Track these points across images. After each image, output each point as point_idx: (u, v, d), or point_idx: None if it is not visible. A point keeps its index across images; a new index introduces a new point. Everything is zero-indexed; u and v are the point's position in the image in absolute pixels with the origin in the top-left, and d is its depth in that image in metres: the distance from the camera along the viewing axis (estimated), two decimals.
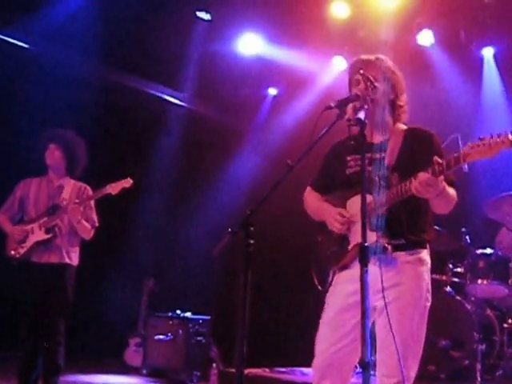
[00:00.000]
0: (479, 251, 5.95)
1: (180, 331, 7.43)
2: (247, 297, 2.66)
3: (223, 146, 8.77)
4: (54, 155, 5.43)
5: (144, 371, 7.55)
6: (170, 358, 7.43)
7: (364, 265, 2.46)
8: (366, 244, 2.50)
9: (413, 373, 2.89)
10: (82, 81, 7.44)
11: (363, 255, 2.47)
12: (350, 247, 3.11)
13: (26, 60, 7.17)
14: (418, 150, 3.10)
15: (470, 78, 7.33)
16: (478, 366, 5.26)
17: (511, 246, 6.04)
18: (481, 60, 7.42)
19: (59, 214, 5.27)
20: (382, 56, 3.27)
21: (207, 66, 7.88)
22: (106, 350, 7.91)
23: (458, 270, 5.99)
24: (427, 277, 3.07)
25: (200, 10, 7.48)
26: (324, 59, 7.84)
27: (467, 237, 6.01)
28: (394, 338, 2.73)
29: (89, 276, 6.24)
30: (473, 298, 5.80)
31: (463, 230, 6.02)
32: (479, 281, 5.78)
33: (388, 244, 2.98)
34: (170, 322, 7.56)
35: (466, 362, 5.31)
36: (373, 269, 2.52)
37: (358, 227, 2.96)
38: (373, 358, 2.99)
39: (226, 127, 8.96)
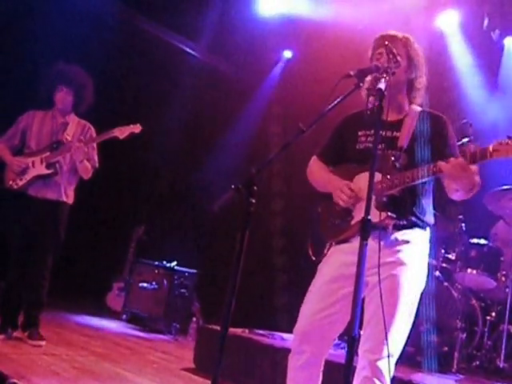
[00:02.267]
0: (473, 240, 5.93)
1: (165, 281, 7.46)
2: (241, 256, 2.63)
3: (232, 102, 8.67)
4: (63, 97, 5.37)
5: (124, 316, 7.60)
6: (151, 307, 7.47)
7: (364, 238, 2.43)
8: (369, 217, 2.46)
9: (397, 351, 2.89)
10: (96, 17, 7.32)
11: (365, 229, 2.44)
12: (352, 222, 3.08)
13: None
14: (431, 134, 3.07)
15: (488, 65, 7.25)
16: (456, 355, 5.28)
17: (506, 239, 6.04)
18: (501, 49, 7.30)
19: (62, 150, 5.23)
20: (409, 36, 3.22)
21: (226, 20, 7.75)
22: (89, 290, 7.95)
23: (450, 256, 5.97)
24: (424, 259, 3.07)
25: None
26: (344, 31, 7.70)
27: (463, 224, 5.99)
28: (384, 315, 2.70)
29: (82, 215, 6.20)
30: (460, 286, 5.79)
31: (460, 216, 5.99)
32: (469, 270, 5.76)
33: (390, 223, 2.96)
34: (156, 271, 7.59)
35: (445, 348, 5.32)
36: (371, 244, 2.49)
37: (363, 204, 2.94)
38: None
39: (237, 83, 8.85)
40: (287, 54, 8.78)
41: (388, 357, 2.77)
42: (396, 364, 2.91)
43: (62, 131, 5.39)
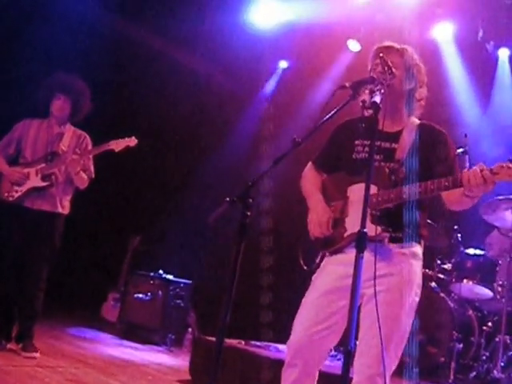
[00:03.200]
0: (469, 251, 5.94)
1: (160, 292, 7.42)
2: (237, 268, 2.63)
3: (228, 113, 8.68)
4: (61, 106, 5.36)
5: (119, 327, 7.55)
6: (146, 318, 7.43)
7: (360, 250, 2.41)
8: (365, 230, 2.45)
9: (393, 365, 2.87)
10: (91, 26, 7.32)
11: (360, 241, 2.42)
12: (345, 234, 3.05)
13: (39, 3, 7.03)
14: (430, 149, 3.05)
15: (482, 76, 7.28)
16: (453, 365, 5.28)
17: (501, 249, 6.04)
18: (495, 60, 7.33)
19: (57, 162, 5.22)
20: (408, 47, 3.21)
21: (223, 32, 7.76)
22: (84, 301, 7.91)
23: (446, 266, 5.98)
24: (419, 272, 3.06)
25: None
26: (339, 39, 7.74)
27: (459, 235, 6.00)
28: (380, 328, 2.69)
29: (77, 226, 6.19)
30: (456, 297, 5.80)
31: (455, 227, 6.00)
32: (465, 280, 5.78)
33: (385, 236, 2.94)
34: (151, 282, 7.56)
35: (442, 359, 5.32)
36: (366, 256, 2.48)
37: (356, 215, 2.93)
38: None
39: (232, 93, 8.86)
40: (283, 64, 8.78)
41: (384, 371, 2.75)
42: (392, 375, 2.90)
43: (57, 142, 5.37)
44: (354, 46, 7.81)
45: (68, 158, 5.16)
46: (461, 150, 4.48)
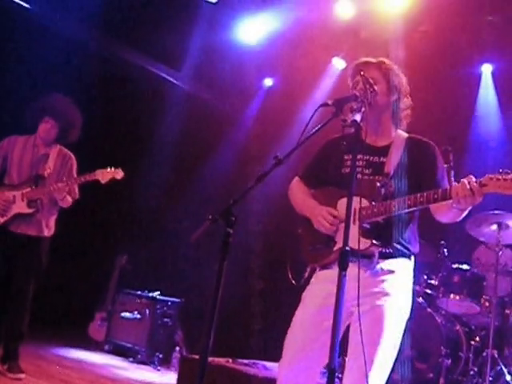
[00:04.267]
0: (455, 266, 5.94)
1: (147, 311, 7.38)
2: (220, 286, 2.61)
3: (215, 131, 8.69)
4: (48, 130, 5.33)
5: (106, 347, 7.49)
6: (133, 337, 7.38)
7: (343, 269, 2.41)
8: (347, 248, 2.44)
9: (382, 382, 2.86)
10: (80, 48, 7.33)
11: (343, 260, 2.42)
12: (335, 248, 3.04)
13: (26, 20, 7.03)
14: (419, 162, 3.07)
15: (466, 91, 7.34)
16: (442, 381, 5.26)
17: (488, 263, 6.05)
18: (479, 76, 7.39)
19: (43, 187, 5.19)
20: (385, 59, 3.22)
21: (208, 49, 7.79)
22: (71, 321, 7.85)
23: (432, 281, 5.96)
24: (409, 289, 3.05)
25: None
26: (323, 58, 7.79)
27: (445, 249, 6.00)
28: (364, 348, 2.67)
29: (63, 245, 6.14)
30: (443, 312, 5.79)
31: (442, 242, 6.01)
32: (452, 295, 5.77)
33: (375, 250, 2.94)
34: (138, 301, 7.51)
35: (430, 375, 5.30)
36: (354, 272, 2.48)
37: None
38: (340, 359, 2.98)
39: (220, 111, 8.88)
40: (268, 81, 8.81)
41: None
42: None
43: (42, 163, 5.33)
44: (338, 63, 7.87)
45: (52, 185, 5.12)
46: (445, 165, 4.52)
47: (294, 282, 3.23)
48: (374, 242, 2.93)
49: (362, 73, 3.01)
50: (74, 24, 7.25)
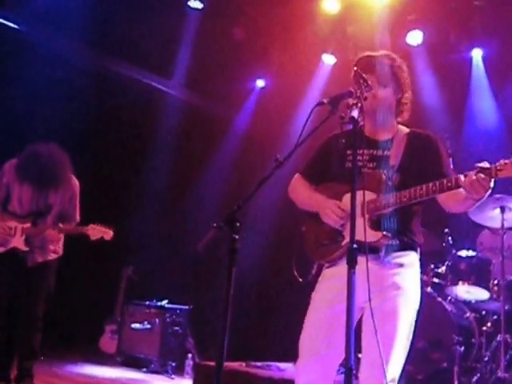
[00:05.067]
0: (461, 253, 5.95)
1: (157, 320, 7.37)
2: (230, 291, 2.61)
3: (211, 136, 8.68)
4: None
5: (118, 359, 7.49)
6: (145, 347, 7.37)
7: (352, 266, 2.41)
8: (355, 246, 2.45)
9: (396, 376, 2.86)
10: (70, 64, 7.33)
11: (351, 257, 2.42)
12: (343, 243, 3.03)
13: (16, 41, 7.03)
14: (423, 154, 3.07)
15: (459, 78, 7.34)
16: (456, 369, 5.26)
17: (492, 247, 6.07)
18: (470, 61, 7.40)
19: (42, 225, 5.16)
20: (388, 53, 3.21)
21: (197, 55, 7.79)
22: (81, 336, 7.84)
23: (439, 270, 5.97)
24: (417, 280, 3.05)
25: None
26: (313, 55, 7.80)
27: (450, 238, 6.01)
28: (379, 342, 2.68)
29: (69, 261, 6.13)
30: (453, 300, 5.79)
31: (446, 230, 6.01)
32: (460, 283, 5.78)
33: (383, 244, 2.94)
34: (147, 311, 7.51)
35: (444, 364, 5.29)
36: (363, 267, 2.48)
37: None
38: (359, 355, 2.98)
39: (214, 117, 8.88)
40: (260, 83, 8.80)
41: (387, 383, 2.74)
42: None
43: (44, 197, 5.28)
44: (328, 59, 7.88)
45: (47, 232, 5.12)
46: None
47: (300, 279, 3.21)
48: (385, 233, 2.92)
49: (355, 68, 3.00)
50: (64, 41, 7.24)
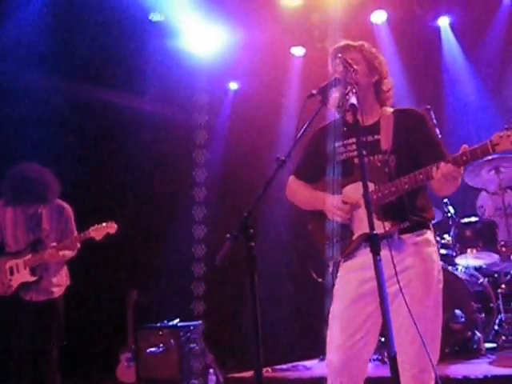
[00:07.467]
0: (464, 220, 5.93)
1: (172, 341, 7.26)
2: (256, 299, 2.54)
3: (190, 145, 8.61)
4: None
5: None
6: (164, 370, 7.25)
7: (377, 253, 2.36)
8: (375, 232, 2.40)
9: (434, 358, 2.81)
10: (41, 95, 7.20)
11: (374, 244, 2.37)
12: (354, 237, 3.00)
13: None
14: (412, 132, 3.03)
15: (430, 50, 7.35)
16: (480, 336, 5.23)
17: (493, 208, 6.10)
18: (438, 30, 7.40)
19: (43, 250, 5.05)
20: (363, 42, 3.21)
21: (165, 67, 7.71)
22: (97, 369, 7.74)
23: (446, 241, 5.95)
24: (436, 257, 3.02)
25: (153, 12, 7.32)
26: (282, 49, 7.77)
27: (450, 207, 5.99)
28: (415, 323, 2.64)
29: (73, 294, 6.05)
30: (464, 269, 5.77)
31: (445, 200, 5.99)
32: (468, 250, 5.75)
33: (395, 230, 2.90)
34: (160, 333, 7.39)
35: (468, 333, 5.25)
36: (382, 254, 2.44)
37: (359, 217, 2.89)
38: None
39: (190, 126, 8.79)
40: (233, 85, 8.73)
41: (427, 365, 2.71)
42: None
43: (37, 226, 5.19)
44: (298, 51, 7.85)
45: (47, 253, 4.98)
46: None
47: (319, 279, 3.20)
48: (392, 222, 2.89)
49: (339, 55, 2.97)
50: (28, 74, 7.12)
